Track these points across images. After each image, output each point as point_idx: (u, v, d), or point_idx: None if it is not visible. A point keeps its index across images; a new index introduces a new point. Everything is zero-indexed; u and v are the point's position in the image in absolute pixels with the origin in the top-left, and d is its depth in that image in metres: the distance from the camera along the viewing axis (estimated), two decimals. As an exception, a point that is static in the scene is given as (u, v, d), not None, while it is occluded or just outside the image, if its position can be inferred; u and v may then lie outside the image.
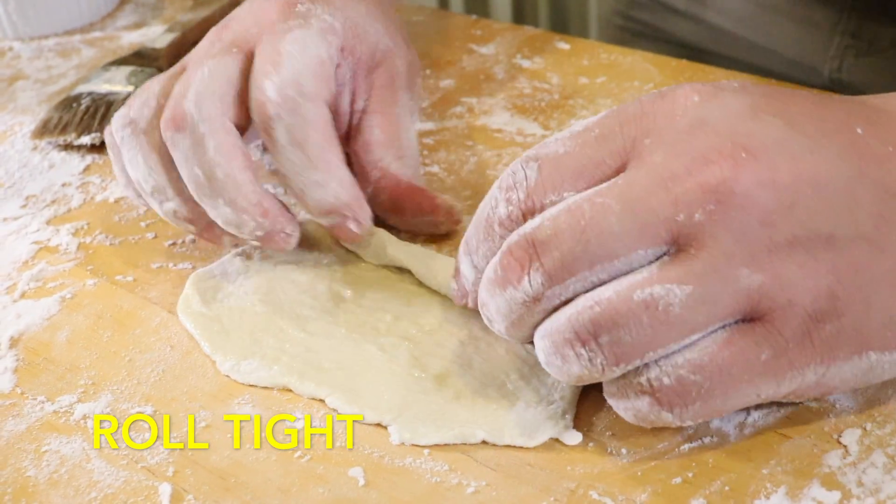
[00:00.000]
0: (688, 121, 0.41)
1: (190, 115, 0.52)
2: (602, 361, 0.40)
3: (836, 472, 0.42)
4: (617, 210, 0.39)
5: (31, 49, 0.88)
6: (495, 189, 0.44)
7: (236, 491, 0.44)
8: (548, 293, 0.41)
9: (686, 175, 0.39)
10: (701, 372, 0.40)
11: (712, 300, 0.39)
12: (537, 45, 0.79)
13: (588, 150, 0.42)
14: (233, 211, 0.52)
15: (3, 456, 0.46)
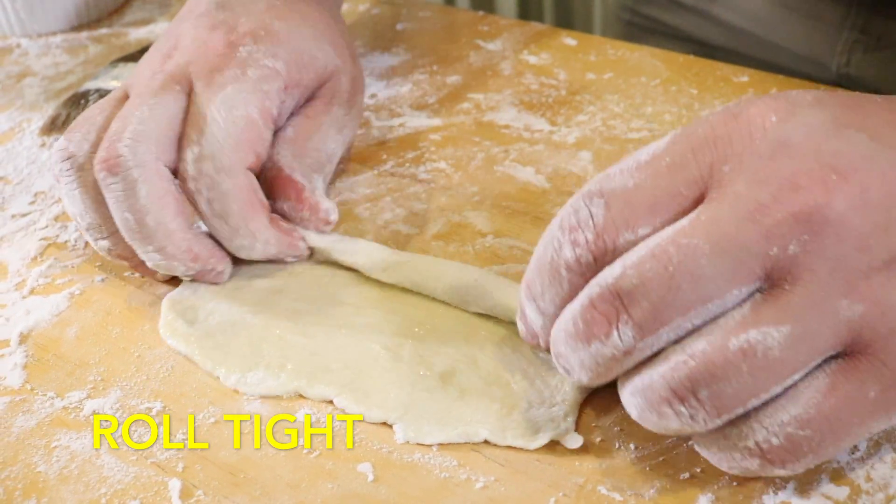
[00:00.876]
0: (768, 143, 0.39)
1: (123, 159, 0.51)
2: (704, 417, 0.38)
3: (844, 468, 0.42)
4: (706, 250, 0.37)
5: (38, 46, 0.88)
6: (556, 230, 0.41)
7: (245, 486, 0.44)
8: (640, 345, 0.38)
9: (775, 204, 0.37)
10: (809, 426, 0.37)
11: (812, 337, 0.37)
12: (544, 41, 0.79)
13: (661, 182, 0.39)
14: (162, 257, 0.53)
15: (14, 451, 0.47)
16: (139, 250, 0.53)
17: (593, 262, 0.40)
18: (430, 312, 0.52)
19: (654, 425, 0.39)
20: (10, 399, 0.50)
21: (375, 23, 0.84)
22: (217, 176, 0.52)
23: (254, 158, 0.54)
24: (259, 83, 0.55)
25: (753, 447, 0.38)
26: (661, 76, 0.72)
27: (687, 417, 0.38)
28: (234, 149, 0.53)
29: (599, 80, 0.73)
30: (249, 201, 0.53)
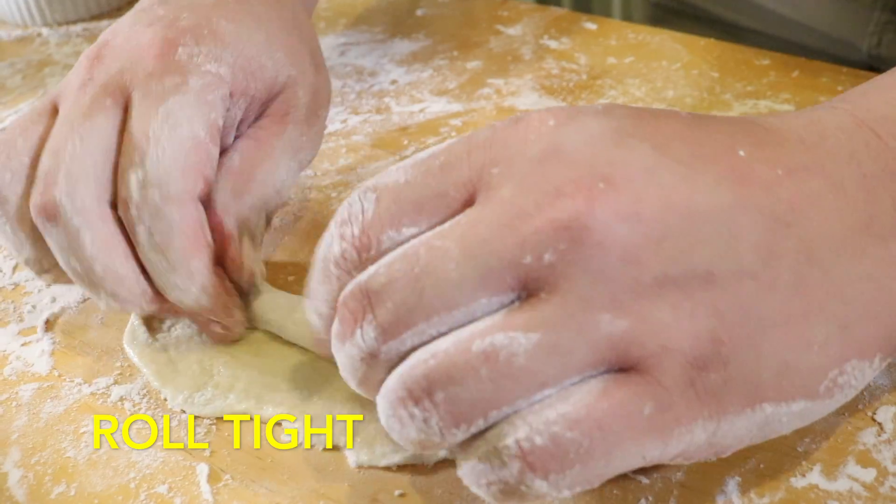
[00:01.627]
0: (540, 148, 0.36)
1: (62, 207, 0.47)
2: (438, 422, 0.34)
3: (871, 450, 0.42)
4: (455, 254, 0.35)
5: (58, 35, 0.88)
6: (332, 223, 0.39)
7: (272, 471, 0.44)
8: (383, 348, 0.36)
9: (536, 211, 0.34)
10: (578, 427, 0.33)
11: (566, 349, 0.34)
12: (564, 26, 0.79)
13: (430, 180, 0.37)
14: (115, 302, 0.48)
15: (43, 437, 0.47)
16: (91, 295, 0.49)
17: (357, 259, 0.38)
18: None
19: (398, 436, 0.36)
20: (38, 385, 0.50)
21: (396, 9, 0.84)
22: (164, 206, 0.47)
23: (203, 184, 0.49)
24: (203, 93, 0.49)
25: (513, 446, 0.34)
26: (682, 60, 0.72)
27: (420, 422, 0.35)
28: (182, 175, 0.47)
29: (620, 64, 0.72)
30: (194, 238, 0.48)
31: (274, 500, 0.43)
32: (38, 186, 0.48)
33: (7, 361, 0.52)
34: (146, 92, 0.49)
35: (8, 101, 0.77)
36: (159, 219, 0.47)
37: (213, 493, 0.43)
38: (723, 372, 0.35)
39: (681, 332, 0.34)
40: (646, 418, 0.34)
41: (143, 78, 0.49)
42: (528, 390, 0.34)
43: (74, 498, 0.44)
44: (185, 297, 0.48)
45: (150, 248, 0.47)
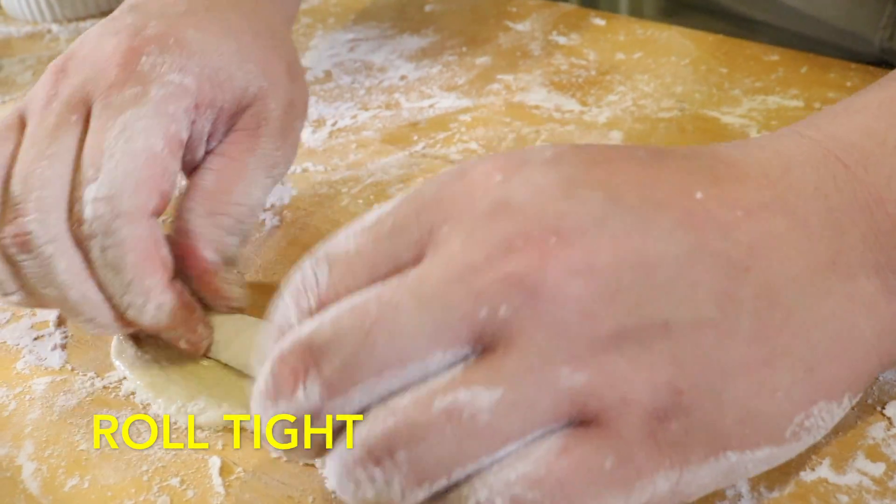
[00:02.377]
0: (488, 203, 0.35)
1: (34, 236, 0.46)
2: (401, 482, 0.33)
3: (880, 444, 0.42)
4: (409, 307, 0.34)
5: (68, 31, 0.88)
6: (285, 292, 0.38)
7: (285, 464, 0.44)
8: (328, 405, 0.34)
9: (487, 265, 0.34)
10: (539, 487, 0.33)
11: (528, 404, 0.33)
12: (572, 22, 0.79)
13: (381, 245, 0.36)
14: (94, 327, 0.48)
15: (56, 430, 0.47)
16: (71, 320, 0.49)
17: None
18: None
19: (352, 497, 0.35)
20: (51, 379, 0.50)
21: (404, 4, 0.84)
22: (114, 222, 0.46)
23: (158, 199, 0.47)
24: (163, 104, 0.48)
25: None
26: (690, 55, 0.72)
27: (381, 483, 0.34)
28: (134, 190, 0.46)
29: (629, 60, 0.73)
30: (147, 254, 0.47)
31: (286, 492, 0.43)
32: (10, 215, 0.47)
33: (20, 355, 0.52)
34: (106, 104, 0.48)
35: (18, 97, 0.78)
36: (110, 235, 0.46)
37: (225, 486, 0.44)
38: (684, 421, 0.34)
39: (640, 384, 0.34)
40: (607, 473, 0.33)
41: (104, 89, 0.48)
42: (492, 447, 0.33)
43: (88, 490, 0.44)
44: (142, 316, 0.47)
45: (103, 265, 0.46)
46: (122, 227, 0.46)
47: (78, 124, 0.48)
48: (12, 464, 0.46)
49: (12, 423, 0.48)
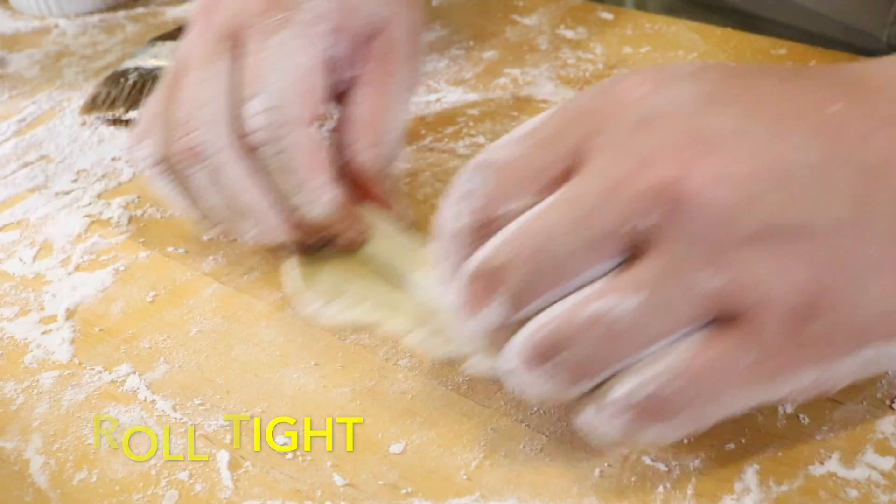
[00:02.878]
0: (634, 117, 0.38)
1: (202, 148, 0.52)
2: (564, 379, 0.38)
3: (889, 438, 0.42)
4: (567, 227, 0.37)
5: (76, 26, 0.89)
6: (451, 199, 0.41)
7: (294, 459, 0.44)
8: (513, 319, 0.39)
9: (634, 178, 0.37)
10: (681, 378, 0.37)
11: (669, 306, 0.36)
12: (580, 16, 0.79)
13: (538, 154, 0.40)
14: (261, 232, 0.53)
15: (64, 424, 0.47)
16: (238, 227, 0.54)
17: (479, 231, 0.40)
18: None
19: (528, 390, 0.40)
20: (58, 373, 0.50)
21: (411, -1, 0.84)
22: (281, 129, 0.52)
23: (314, 110, 0.53)
24: (308, 26, 0.54)
25: (622, 399, 0.38)
26: (698, 49, 0.72)
27: (548, 379, 0.39)
28: (296, 101, 0.52)
29: (636, 53, 0.72)
30: (314, 156, 0.53)
31: (294, 486, 0.43)
32: (179, 133, 0.53)
33: (28, 349, 0.52)
34: (257, 29, 0.54)
35: (26, 92, 0.78)
36: (279, 141, 0.52)
37: (234, 480, 0.44)
38: (824, 320, 0.36)
39: (779, 284, 0.36)
40: (746, 368, 0.36)
41: (253, 17, 0.54)
42: (638, 346, 0.37)
43: (96, 484, 0.44)
44: (311, 212, 0.53)
45: (275, 170, 0.52)
46: (289, 133, 0.52)
47: (230, 51, 0.54)
48: (20, 457, 0.46)
49: (20, 417, 0.48)
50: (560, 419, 0.45)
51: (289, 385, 0.48)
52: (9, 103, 0.76)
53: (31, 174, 0.67)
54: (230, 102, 0.53)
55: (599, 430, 0.39)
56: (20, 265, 0.59)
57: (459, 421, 0.45)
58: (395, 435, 0.45)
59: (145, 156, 0.55)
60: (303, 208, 0.53)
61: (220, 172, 0.52)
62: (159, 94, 0.56)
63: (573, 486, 0.42)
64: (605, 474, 0.42)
